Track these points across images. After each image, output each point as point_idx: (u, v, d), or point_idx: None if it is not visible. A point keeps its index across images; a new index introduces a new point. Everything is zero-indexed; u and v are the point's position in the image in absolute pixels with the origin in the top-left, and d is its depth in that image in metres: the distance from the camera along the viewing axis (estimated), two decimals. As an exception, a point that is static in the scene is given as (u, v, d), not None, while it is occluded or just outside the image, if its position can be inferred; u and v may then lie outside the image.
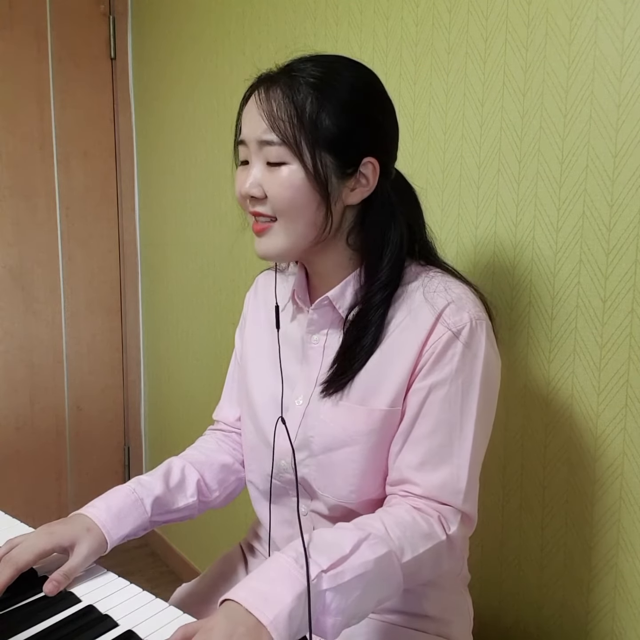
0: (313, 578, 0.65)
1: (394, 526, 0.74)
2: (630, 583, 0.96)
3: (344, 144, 0.78)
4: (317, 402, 0.86)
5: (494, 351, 0.83)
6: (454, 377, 0.79)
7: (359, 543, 0.69)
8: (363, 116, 0.80)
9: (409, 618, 0.89)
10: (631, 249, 0.91)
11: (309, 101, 0.77)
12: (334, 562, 0.67)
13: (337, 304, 0.85)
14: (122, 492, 0.90)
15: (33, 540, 0.81)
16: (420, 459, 0.80)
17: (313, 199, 0.78)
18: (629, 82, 0.89)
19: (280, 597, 0.63)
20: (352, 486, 0.84)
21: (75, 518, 0.86)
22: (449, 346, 0.79)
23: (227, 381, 1.10)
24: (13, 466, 2.25)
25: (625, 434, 0.94)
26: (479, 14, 1.08)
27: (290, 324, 0.93)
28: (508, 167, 1.06)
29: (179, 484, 0.95)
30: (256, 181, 0.80)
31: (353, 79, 0.80)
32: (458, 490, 0.79)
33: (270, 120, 0.77)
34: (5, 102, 2.12)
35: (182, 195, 2.08)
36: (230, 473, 1.02)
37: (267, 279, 1.03)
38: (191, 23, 1.95)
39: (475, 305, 0.82)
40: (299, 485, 0.88)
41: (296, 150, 0.77)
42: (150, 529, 0.93)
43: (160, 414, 2.37)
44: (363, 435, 0.82)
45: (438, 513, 0.78)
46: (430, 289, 0.83)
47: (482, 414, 0.81)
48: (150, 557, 2.42)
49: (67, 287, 2.31)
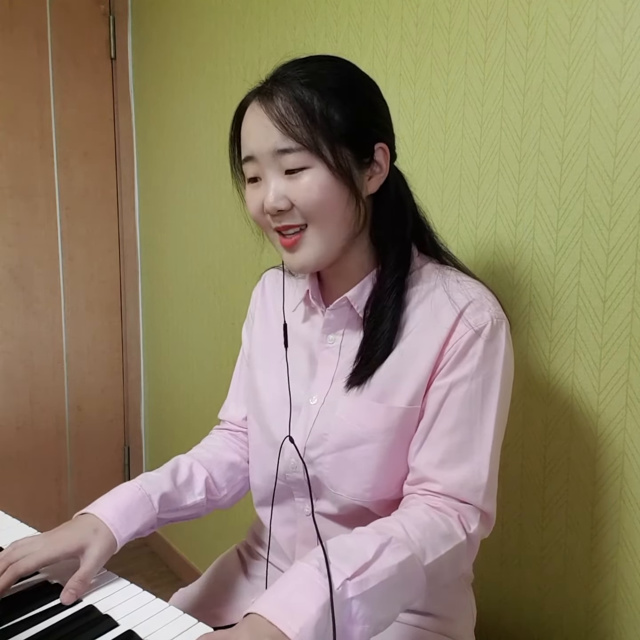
0: (338, 587, 0.63)
1: (414, 528, 0.73)
2: (630, 583, 0.96)
3: (358, 134, 0.79)
4: (333, 400, 0.86)
5: (511, 350, 0.84)
6: (474, 375, 0.79)
7: (381, 548, 0.68)
8: (363, 103, 0.81)
9: (413, 616, 0.89)
10: (631, 249, 0.91)
11: (315, 99, 0.76)
12: (357, 569, 0.65)
13: (356, 305, 0.86)
14: (129, 489, 0.88)
15: (38, 548, 0.79)
16: (440, 457, 0.80)
17: (342, 194, 0.78)
18: (629, 82, 0.89)
19: (306, 608, 0.61)
20: (367, 484, 0.83)
21: (82, 520, 0.84)
22: (470, 344, 0.80)
23: (234, 380, 1.08)
24: (13, 466, 2.25)
25: (625, 434, 0.94)
26: (479, 14, 1.08)
27: (303, 324, 0.93)
28: (508, 167, 1.06)
29: (187, 482, 0.94)
30: (280, 193, 0.78)
31: (339, 70, 0.81)
32: (479, 487, 0.79)
33: (283, 127, 0.76)
34: (5, 102, 2.12)
35: (182, 195, 2.08)
36: (238, 472, 1.01)
37: (274, 277, 1.02)
38: (191, 23, 1.95)
39: (494, 304, 0.83)
40: (304, 486, 0.88)
41: (316, 151, 0.76)
42: (157, 527, 0.91)
43: (160, 414, 2.37)
44: (380, 433, 0.82)
45: (457, 512, 0.78)
46: (450, 288, 0.83)
47: (501, 411, 0.81)
48: (150, 557, 2.42)
49: (67, 287, 2.31)
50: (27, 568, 0.77)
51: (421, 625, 0.89)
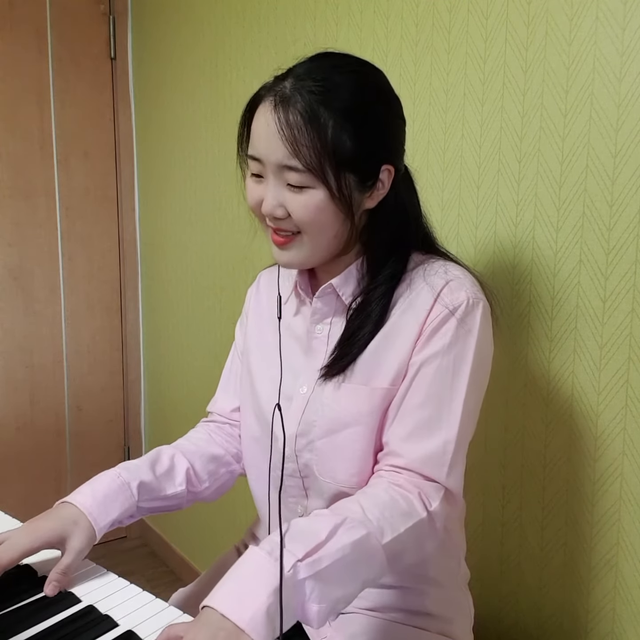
0: (289, 569, 0.64)
1: (372, 507, 0.73)
2: (630, 583, 0.96)
3: (365, 160, 0.79)
4: (321, 388, 0.87)
5: (489, 332, 0.84)
6: (446, 352, 0.80)
7: (335, 528, 0.69)
8: (379, 129, 0.80)
9: (411, 616, 0.89)
10: (631, 249, 0.91)
11: (330, 125, 0.76)
12: (309, 550, 0.66)
13: (341, 292, 0.87)
14: (107, 477, 0.89)
15: (18, 539, 0.80)
16: (408, 431, 0.80)
17: (337, 216, 0.80)
18: (629, 82, 0.89)
19: (255, 595, 0.62)
20: (353, 469, 0.84)
21: (61, 509, 0.85)
22: (444, 322, 0.81)
23: (224, 373, 1.10)
24: (13, 466, 2.25)
25: (625, 434, 0.94)
26: (479, 14, 1.08)
27: (294, 317, 0.94)
28: (508, 167, 1.06)
29: (167, 472, 0.95)
30: (278, 202, 0.79)
31: (362, 86, 0.79)
32: (442, 463, 0.79)
33: (292, 146, 0.76)
34: (5, 102, 2.12)
35: (182, 195, 2.08)
36: (220, 465, 1.02)
37: (269, 276, 1.04)
38: (191, 23, 1.95)
39: (473, 285, 0.84)
40: (299, 478, 0.89)
41: (321, 176, 0.76)
42: (137, 517, 0.92)
43: (160, 414, 2.37)
44: (365, 415, 0.83)
45: (418, 489, 0.78)
46: (430, 273, 0.85)
47: (472, 391, 0.82)
48: (150, 557, 2.42)
49: (67, 287, 2.31)
50: (11, 559, 0.78)
51: (418, 625, 0.89)
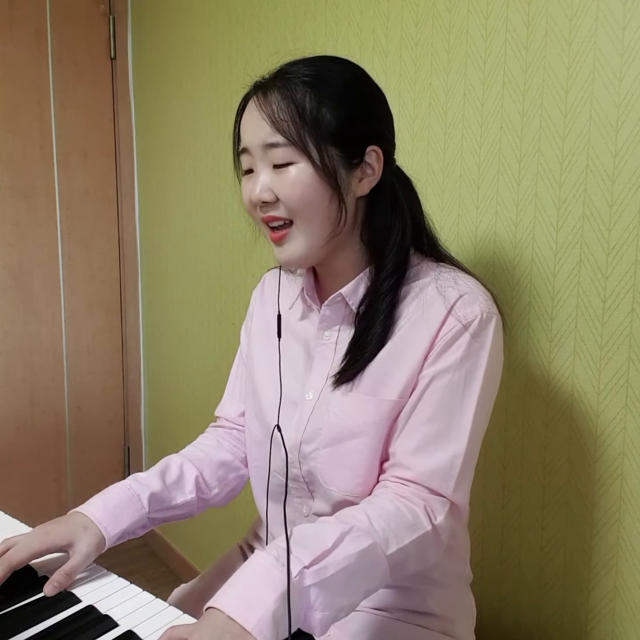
0: (295, 575, 0.64)
1: (378, 517, 0.73)
2: (630, 583, 0.96)
3: (347, 135, 0.80)
4: (327, 395, 0.87)
5: (500, 345, 0.84)
6: (458, 366, 0.80)
7: (341, 536, 0.69)
8: (360, 107, 0.82)
9: (414, 615, 0.89)
10: (631, 249, 0.91)
11: (308, 98, 0.79)
12: (316, 557, 0.66)
13: (350, 301, 0.87)
14: (118, 489, 0.90)
15: (28, 540, 0.81)
16: (416, 444, 0.80)
17: (325, 193, 0.80)
18: (629, 82, 0.89)
19: (262, 599, 0.62)
20: (358, 478, 0.84)
21: (72, 517, 0.86)
22: (457, 337, 0.80)
23: (231, 378, 1.10)
24: (13, 466, 2.25)
25: (625, 434, 0.94)
26: (479, 14, 1.08)
27: (301, 322, 0.94)
28: (508, 167, 1.06)
29: (177, 481, 0.95)
30: (265, 186, 0.80)
31: (344, 73, 0.83)
32: (449, 477, 0.79)
33: (273, 122, 0.78)
34: (5, 102, 2.12)
35: (182, 195, 2.08)
36: (229, 470, 1.02)
37: (274, 277, 1.04)
38: (191, 23, 1.95)
39: (486, 299, 0.83)
40: (304, 483, 0.89)
41: (302, 147, 0.78)
42: (150, 527, 0.93)
43: (160, 414, 2.37)
44: (371, 426, 0.83)
45: (424, 502, 0.78)
46: (443, 283, 0.84)
47: (482, 406, 0.82)
48: (150, 557, 2.42)
49: (67, 287, 2.31)
50: (21, 560, 0.79)
51: (422, 624, 0.89)
